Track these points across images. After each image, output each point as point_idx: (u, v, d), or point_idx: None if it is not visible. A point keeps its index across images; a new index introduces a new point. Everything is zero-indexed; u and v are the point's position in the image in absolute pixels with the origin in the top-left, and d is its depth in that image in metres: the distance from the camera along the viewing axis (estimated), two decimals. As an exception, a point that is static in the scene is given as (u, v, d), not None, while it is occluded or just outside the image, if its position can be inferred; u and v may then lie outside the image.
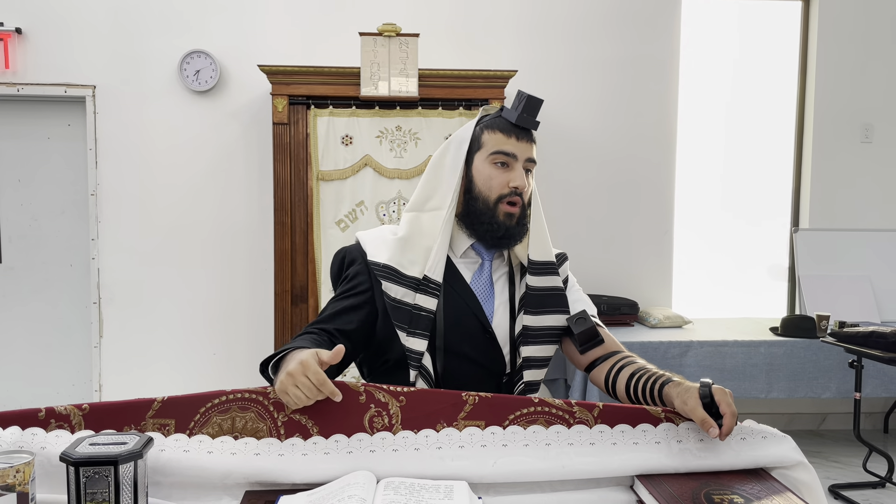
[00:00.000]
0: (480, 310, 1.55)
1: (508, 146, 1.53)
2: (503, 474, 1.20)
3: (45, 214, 4.13)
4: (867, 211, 4.45)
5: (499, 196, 1.53)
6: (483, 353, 1.55)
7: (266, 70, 3.58)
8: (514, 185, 1.53)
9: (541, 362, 1.57)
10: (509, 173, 1.54)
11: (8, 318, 4.15)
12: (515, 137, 1.53)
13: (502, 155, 1.53)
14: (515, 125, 1.54)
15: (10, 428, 1.19)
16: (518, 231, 1.55)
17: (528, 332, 1.55)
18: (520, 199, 1.54)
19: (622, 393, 1.46)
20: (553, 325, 1.57)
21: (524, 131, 1.55)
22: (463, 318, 1.54)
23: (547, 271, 1.57)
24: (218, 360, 4.13)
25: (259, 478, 1.18)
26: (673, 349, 3.65)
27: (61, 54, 3.96)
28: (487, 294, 1.58)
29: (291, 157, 3.63)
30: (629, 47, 4.24)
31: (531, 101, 1.52)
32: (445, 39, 4.08)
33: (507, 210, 1.53)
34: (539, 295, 1.56)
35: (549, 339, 1.57)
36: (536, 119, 1.55)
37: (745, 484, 1.16)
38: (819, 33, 4.36)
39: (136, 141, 4.03)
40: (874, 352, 3.21)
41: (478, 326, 1.55)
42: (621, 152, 4.28)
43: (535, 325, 1.55)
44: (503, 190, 1.53)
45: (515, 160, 1.54)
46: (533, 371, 1.55)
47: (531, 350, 1.55)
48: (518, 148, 1.54)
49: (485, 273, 1.59)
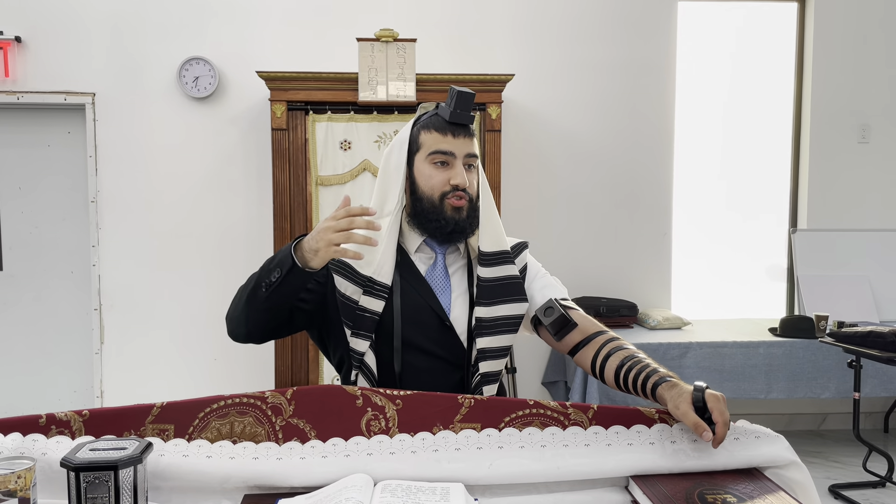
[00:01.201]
0: (437, 302, 1.57)
1: (445, 144, 1.55)
2: (499, 476, 1.21)
3: (46, 222, 4.15)
4: (865, 211, 4.46)
5: (442, 193, 1.55)
6: (442, 345, 1.57)
7: (264, 76, 3.59)
8: (454, 182, 1.54)
9: (498, 353, 1.57)
10: (449, 171, 1.55)
11: (9, 325, 4.17)
12: (452, 135, 1.55)
13: (440, 154, 1.55)
14: (451, 122, 1.55)
15: (12, 434, 1.20)
16: (467, 224, 1.57)
17: (483, 322, 1.55)
18: (464, 193, 1.55)
19: (611, 380, 1.48)
20: (508, 315, 1.57)
21: (460, 127, 1.55)
22: (420, 311, 1.56)
23: (500, 261, 1.58)
24: (219, 366, 4.14)
25: (257, 482, 1.20)
26: (672, 350, 3.67)
27: (61, 62, 3.99)
28: (443, 286, 1.60)
29: (290, 163, 3.64)
30: (626, 49, 4.26)
31: (462, 96, 1.52)
32: (443, 44, 4.10)
33: (454, 204, 1.55)
34: (491, 286, 1.56)
35: (505, 329, 1.57)
36: (471, 113, 1.55)
37: (739, 483, 1.17)
38: (815, 34, 4.38)
39: (135, 148, 4.05)
40: (872, 351, 3.22)
41: (435, 319, 1.57)
42: (619, 154, 4.30)
43: (488, 315, 1.56)
44: (445, 188, 1.55)
45: (454, 157, 1.55)
46: (489, 362, 1.56)
47: (486, 341, 1.55)
48: (455, 145, 1.55)
49: (438, 266, 1.61)
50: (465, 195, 1.56)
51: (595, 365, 1.52)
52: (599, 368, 1.51)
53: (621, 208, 4.33)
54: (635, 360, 1.44)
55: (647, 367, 1.40)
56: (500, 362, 1.58)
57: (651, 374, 1.37)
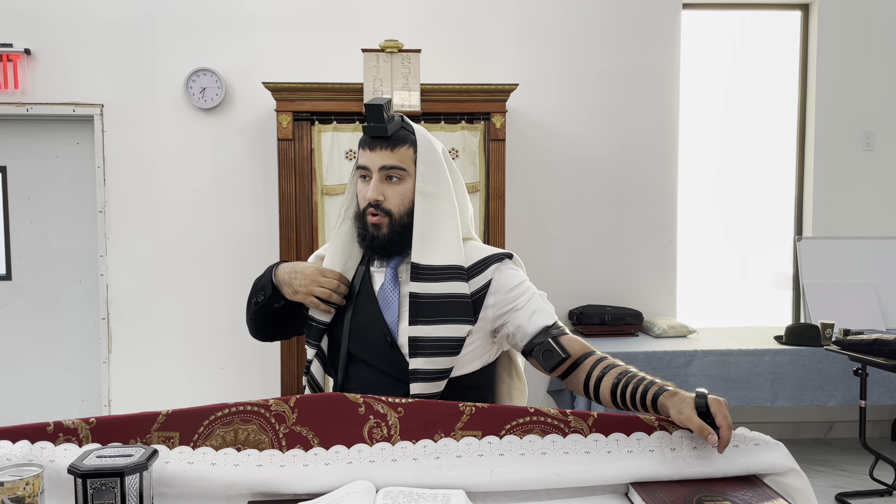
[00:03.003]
0: (381, 318, 1.54)
1: (363, 159, 1.55)
2: (500, 483, 1.22)
3: (55, 231, 4.19)
4: (870, 219, 4.45)
5: (363, 209, 1.55)
6: (385, 361, 1.53)
7: (270, 87, 3.63)
8: (366, 196, 1.54)
9: (433, 374, 1.48)
10: (366, 186, 1.55)
11: (18, 333, 4.20)
12: (369, 149, 1.54)
13: (361, 169, 1.56)
14: (371, 136, 1.54)
15: (20, 442, 1.22)
16: (387, 240, 1.53)
17: (417, 342, 1.48)
18: (377, 209, 1.53)
19: (607, 400, 1.44)
20: (447, 336, 1.48)
21: (377, 140, 1.53)
22: (367, 326, 1.56)
23: (441, 277, 1.50)
24: (225, 375, 4.16)
25: (261, 488, 1.21)
26: (678, 359, 3.67)
27: (69, 74, 4.03)
28: (390, 301, 1.55)
29: (296, 173, 3.67)
30: (629, 59, 4.28)
31: (370, 108, 1.49)
32: (447, 54, 4.13)
33: (371, 220, 1.54)
34: (426, 303, 1.49)
35: (443, 351, 1.48)
36: (383, 124, 1.51)
37: (738, 490, 1.18)
38: (818, 42, 4.39)
39: (143, 158, 4.09)
40: (878, 359, 3.22)
41: (379, 334, 1.54)
42: (623, 163, 4.31)
43: (422, 335, 1.48)
44: (363, 203, 1.55)
45: (370, 171, 1.54)
46: (422, 384, 1.47)
47: (420, 362, 1.47)
48: (370, 159, 1.53)
49: (387, 281, 1.57)
50: (379, 211, 1.52)
51: (588, 388, 1.48)
52: (594, 390, 1.47)
53: (626, 216, 4.33)
54: (630, 376, 1.41)
55: (644, 381, 1.38)
56: (437, 385, 1.49)
57: (650, 386, 1.36)
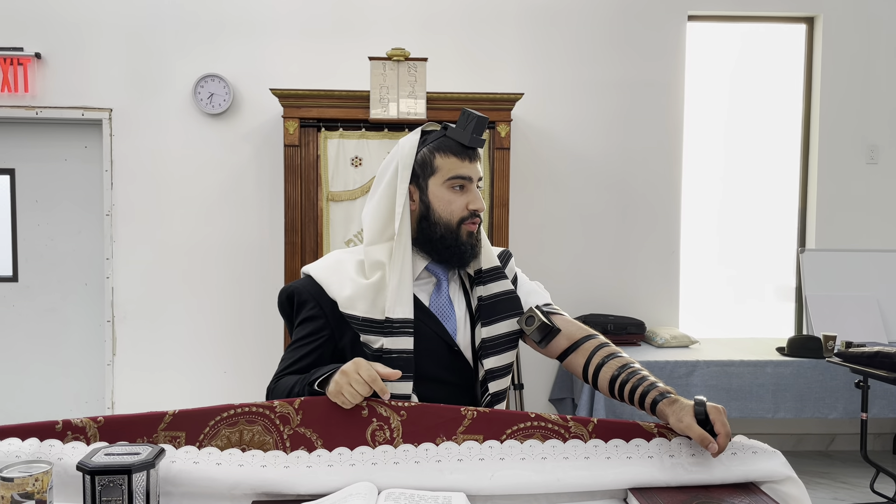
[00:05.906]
0: (443, 329, 1.55)
1: (464, 170, 1.53)
2: (500, 487, 1.24)
3: (61, 234, 4.22)
4: (873, 231, 4.46)
5: (460, 219, 1.54)
6: (453, 371, 1.56)
7: (278, 93, 3.66)
8: (472, 207, 1.54)
9: (503, 371, 1.58)
10: (467, 196, 1.54)
11: (23, 335, 4.23)
12: (469, 160, 1.54)
13: (460, 179, 1.53)
14: (466, 146, 1.54)
15: (30, 439, 1.24)
16: (477, 248, 1.57)
17: (487, 343, 1.55)
18: (479, 218, 1.57)
19: (605, 389, 1.48)
20: (507, 332, 1.57)
21: (474, 151, 1.55)
22: (429, 342, 1.53)
23: (494, 278, 1.58)
24: (228, 378, 4.18)
25: (265, 489, 1.23)
26: (679, 369, 3.67)
27: (79, 78, 4.08)
28: (448, 311, 1.57)
29: (302, 179, 3.70)
30: (634, 69, 4.31)
31: (481, 121, 1.52)
32: (453, 63, 4.16)
33: (470, 228, 1.55)
34: (491, 304, 1.57)
35: (506, 346, 1.58)
36: (483, 138, 1.56)
37: (735, 497, 1.19)
38: (823, 54, 4.41)
39: (150, 162, 4.13)
40: (879, 372, 3.21)
41: (443, 346, 1.55)
42: (627, 173, 4.33)
43: (491, 335, 1.55)
44: (463, 213, 1.54)
45: (471, 182, 1.55)
46: (497, 381, 1.57)
47: (492, 361, 1.55)
48: (471, 170, 1.55)
49: (443, 292, 1.59)
50: (479, 219, 1.58)
51: (587, 373, 1.53)
52: (592, 377, 1.51)
53: (629, 226, 4.35)
54: (631, 372, 1.44)
55: (645, 381, 1.40)
56: (506, 380, 1.59)
57: (649, 389, 1.37)
